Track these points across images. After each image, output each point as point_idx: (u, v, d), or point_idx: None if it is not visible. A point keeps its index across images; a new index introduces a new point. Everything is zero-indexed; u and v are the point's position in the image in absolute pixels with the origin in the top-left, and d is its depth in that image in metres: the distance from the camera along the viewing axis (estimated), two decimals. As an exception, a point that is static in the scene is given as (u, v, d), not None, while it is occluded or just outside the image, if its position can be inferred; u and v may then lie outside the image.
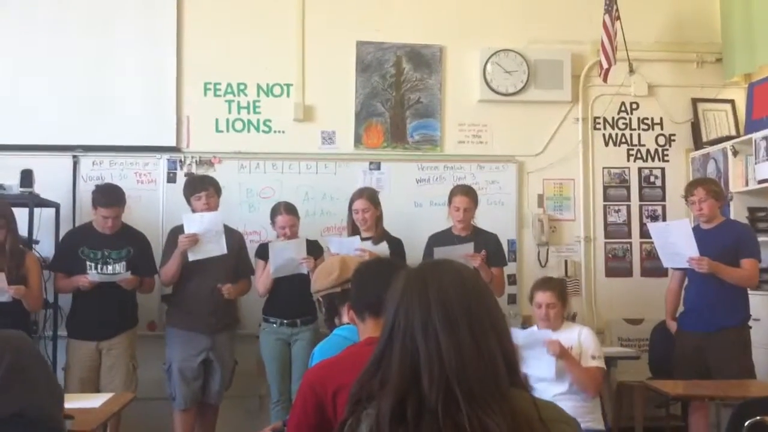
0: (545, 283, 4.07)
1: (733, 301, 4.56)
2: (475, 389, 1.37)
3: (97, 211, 4.76)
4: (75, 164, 5.49)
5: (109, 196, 4.80)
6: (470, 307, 1.44)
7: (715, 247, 4.49)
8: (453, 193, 4.94)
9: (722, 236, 4.58)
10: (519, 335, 3.90)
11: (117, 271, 4.76)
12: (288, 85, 5.76)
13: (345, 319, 2.65)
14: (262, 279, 4.95)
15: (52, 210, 5.26)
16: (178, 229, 4.80)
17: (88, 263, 4.73)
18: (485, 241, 4.85)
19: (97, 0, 5.63)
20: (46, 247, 5.14)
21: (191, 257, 4.72)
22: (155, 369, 4.97)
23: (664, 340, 5.02)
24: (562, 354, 3.78)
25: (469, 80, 5.89)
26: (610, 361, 4.13)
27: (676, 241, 4.60)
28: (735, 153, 5.41)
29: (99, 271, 4.73)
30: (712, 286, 4.51)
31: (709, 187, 4.68)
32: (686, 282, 4.83)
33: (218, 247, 4.73)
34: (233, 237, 4.91)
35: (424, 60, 5.88)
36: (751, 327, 4.63)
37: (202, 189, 4.86)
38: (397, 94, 5.85)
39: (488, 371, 1.39)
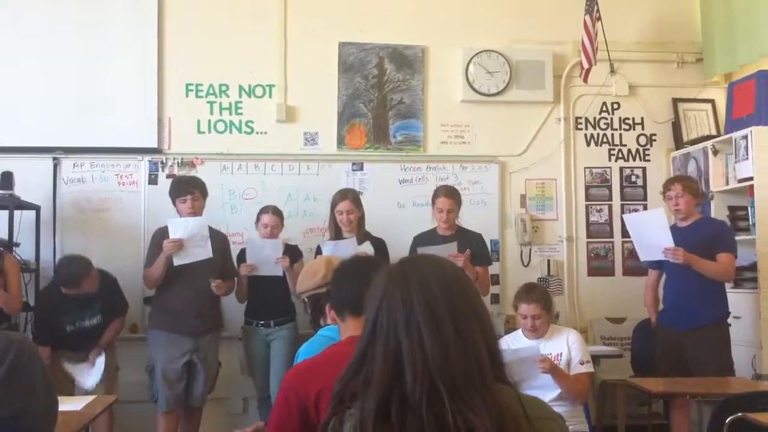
0: (529, 294, 4.04)
1: (712, 297, 4.61)
2: (460, 384, 1.35)
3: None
4: (55, 166, 5.44)
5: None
6: (453, 301, 1.42)
7: (692, 242, 4.53)
8: (436, 195, 4.94)
9: (698, 232, 4.64)
10: (507, 354, 3.90)
11: (94, 323, 4.81)
12: (270, 86, 5.74)
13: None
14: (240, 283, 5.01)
15: (33, 212, 5.22)
16: (162, 231, 4.77)
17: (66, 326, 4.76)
18: (469, 240, 4.85)
19: (78, 2, 5.58)
20: (26, 249, 5.12)
21: (176, 262, 4.68)
22: (138, 371, 4.93)
23: (646, 338, 5.06)
24: (553, 370, 3.81)
25: (451, 81, 5.90)
26: (593, 359, 4.14)
27: (652, 231, 4.63)
28: (715, 152, 5.45)
29: (77, 326, 4.79)
30: (691, 282, 4.54)
31: (685, 183, 4.75)
32: (664, 278, 4.86)
33: (204, 252, 4.70)
34: (217, 239, 4.89)
35: (407, 60, 5.88)
36: (730, 324, 4.67)
37: (187, 192, 4.82)
38: (380, 95, 5.84)
39: (473, 366, 1.37)
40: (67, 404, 3.42)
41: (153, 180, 5.51)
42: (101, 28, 5.58)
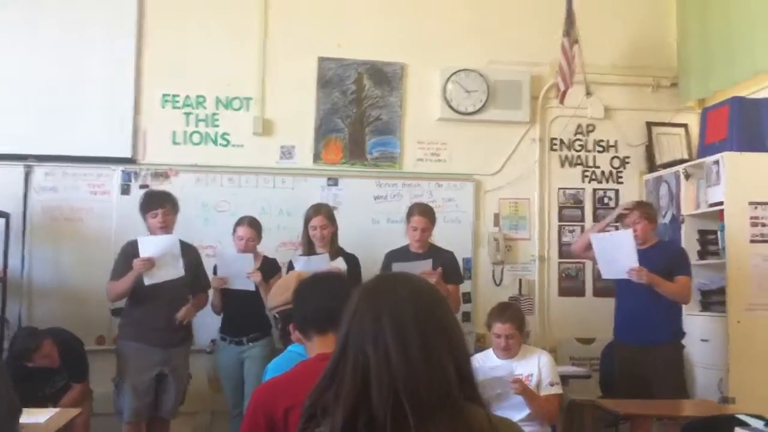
0: (503, 313, 4.07)
1: (667, 314, 4.70)
2: (425, 401, 1.35)
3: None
4: (27, 174, 5.38)
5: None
6: (422, 317, 1.42)
7: (651, 265, 4.60)
8: (411, 213, 4.95)
9: (656, 255, 4.71)
10: (480, 372, 3.90)
11: (60, 386, 4.67)
12: (248, 99, 5.73)
13: (299, 336, 2.62)
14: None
15: (2, 220, 5.15)
16: (132, 245, 4.69)
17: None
18: (442, 258, 4.86)
19: (54, 8, 5.54)
20: (-6, 257, 5.05)
21: (147, 281, 4.59)
22: (105, 384, 4.85)
23: (614, 359, 5.08)
24: (525, 392, 3.82)
25: (429, 98, 5.92)
26: (562, 380, 4.16)
27: (618, 251, 4.69)
28: (687, 176, 5.50)
29: (45, 393, 4.57)
30: (644, 299, 4.62)
31: (643, 210, 4.86)
32: (615, 298, 4.95)
33: (175, 271, 4.62)
34: (188, 252, 4.81)
35: (385, 77, 5.90)
36: (684, 346, 4.77)
37: (158, 206, 4.74)
38: (358, 111, 5.85)
39: (439, 383, 1.37)
40: (30, 417, 3.37)
41: (125, 190, 5.46)
42: (78, 36, 5.54)
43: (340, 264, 4.74)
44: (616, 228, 5.11)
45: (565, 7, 5.63)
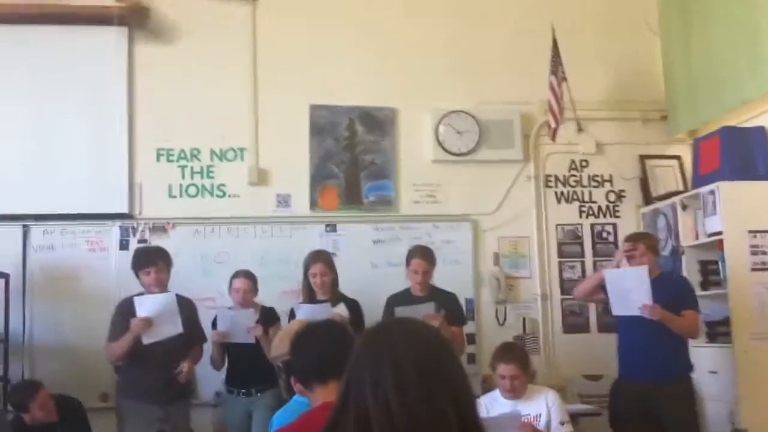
0: (507, 354, 4.04)
1: (677, 350, 4.65)
2: None
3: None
4: (25, 234, 5.38)
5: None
6: (422, 364, 1.41)
7: (656, 298, 4.55)
8: (411, 255, 4.94)
9: (661, 288, 4.65)
10: (486, 419, 3.86)
11: None
12: (242, 149, 5.76)
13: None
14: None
15: (2, 281, 5.12)
16: (128, 303, 4.64)
17: None
18: (443, 300, 4.84)
19: (46, 65, 5.59)
20: (-6, 319, 5.01)
21: (145, 340, 4.53)
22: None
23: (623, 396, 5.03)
24: None
25: (421, 141, 5.95)
26: (571, 418, 4.11)
27: (631, 287, 4.66)
28: (684, 207, 5.51)
29: None
30: (652, 334, 4.55)
31: (648, 243, 4.85)
32: (618, 334, 4.89)
33: (173, 328, 4.57)
34: (185, 307, 4.74)
35: (377, 122, 5.94)
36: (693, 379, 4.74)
37: (150, 264, 4.70)
38: (352, 156, 5.88)
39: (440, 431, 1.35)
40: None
41: (124, 245, 5.45)
42: (71, 93, 5.58)
43: (341, 310, 4.71)
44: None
45: (551, 46, 5.69)
